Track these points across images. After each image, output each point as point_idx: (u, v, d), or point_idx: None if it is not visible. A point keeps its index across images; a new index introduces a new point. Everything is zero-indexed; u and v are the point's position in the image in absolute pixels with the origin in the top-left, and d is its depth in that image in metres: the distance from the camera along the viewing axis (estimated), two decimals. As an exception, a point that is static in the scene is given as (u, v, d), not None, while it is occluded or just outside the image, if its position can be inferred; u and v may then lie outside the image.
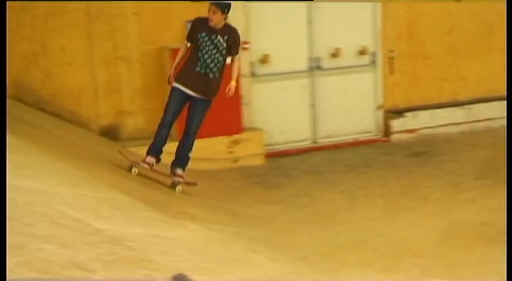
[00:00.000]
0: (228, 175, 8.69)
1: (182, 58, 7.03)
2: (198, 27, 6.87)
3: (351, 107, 9.78)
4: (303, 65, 9.57)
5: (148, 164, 7.00)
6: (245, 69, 9.14)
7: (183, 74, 6.93)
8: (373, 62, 9.89)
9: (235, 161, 9.02)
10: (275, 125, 9.49)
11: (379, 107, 10.05)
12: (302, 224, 7.01)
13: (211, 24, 6.78)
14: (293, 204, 7.65)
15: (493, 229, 6.65)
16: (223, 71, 6.98)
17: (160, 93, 8.93)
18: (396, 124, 10.08)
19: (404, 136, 10.07)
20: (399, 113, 10.19)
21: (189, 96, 6.94)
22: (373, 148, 9.68)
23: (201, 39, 6.84)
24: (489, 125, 10.59)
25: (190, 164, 7.69)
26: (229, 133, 8.95)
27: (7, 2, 7.66)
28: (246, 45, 9.08)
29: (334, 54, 9.63)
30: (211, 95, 7.00)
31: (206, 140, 8.76)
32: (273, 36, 9.35)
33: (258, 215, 7.27)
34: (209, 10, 6.76)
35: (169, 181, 7.17)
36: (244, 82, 9.13)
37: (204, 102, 6.97)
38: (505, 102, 10.61)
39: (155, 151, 7.03)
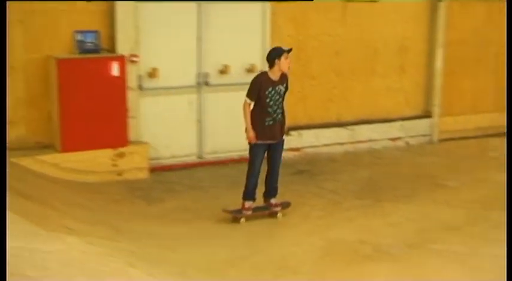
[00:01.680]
0: (111, 188, 8.56)
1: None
2: (264, 85, 7.39)
3: (237, 124, 9.79)
4: (191, 80, 9.57)
5: (249, 209, 7.66)
6: (133, 83, 9.05)
7: (259, 131, 7.47)
8: (261, 80, 9.99)
9: (119, 174, 8.90)
10: (161, 139, 9.43)
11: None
12: (184, 240, 6.97)
13: (283, 71, 7.45)
14: (175, 219, 7.61)
15: (370, 247, 6.84)
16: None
17: (44, 103, 8.72)
18: (281, 142, 10.21)
19: (289, 154, 10.20)
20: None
21: (269, 144, 7.59)
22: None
23: (269, 95, 7.42)
24: (371, 146, 10.93)
25: (73, 177, 7.49)
26: (114, 146, 8.82)
27: (7, 2, 7.56)
28: (135, 58, 9.00)
29: (223, 71, 9.68)
30: (284, 134, 7.77)
31: (90, 152, 8.62)
32: (162, 51, 9.30)
33: (140, 229, 7.18)
34: (286, 57, 7.41)
35: (266, 212, 7.80)
36: (131, 95, 9.04)
37: (282, 142, 7.74)
38: (386, 124, 11.04)
39: (251, 196, 7.66)
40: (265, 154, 7.66)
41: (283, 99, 7.58)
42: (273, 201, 7.81)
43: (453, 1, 11.38)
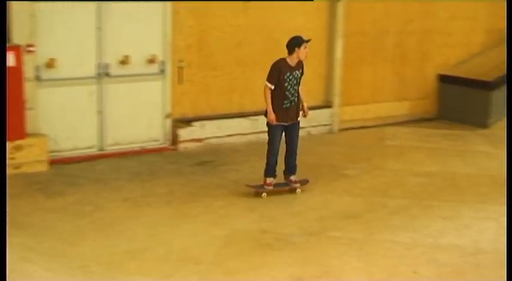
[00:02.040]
0: (9, 181, 8.29)
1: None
2: (283, 70, 7.99)
3: (139, 115, 9.76)
4: (90, 71, 9.38)
5: (271, 184, 8.24)
6: (29, 73, 8.82)
7: (277, 113, 8.05)
8: (162, 71, 9.91)
9: (17, 167, 8.66)
10: (61, 131, 9.23)
11: (168, 116, 10.10)
12: (84, 233, 6.87)
13: (301, 58, 8.11)
14: (76, 212, 7.47)
15: (271, 236, 6.94)
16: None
17: None
18: (184, 133, 10.18)
19: (191, 145, 10.21)
20: (187, 122, 10.32)
21: (286, 126, 8.15)
22: (160, 157, 9.71)
23: (288, 79, 8.00)
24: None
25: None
26: (11, 139, 8.55)
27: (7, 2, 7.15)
28: (31, 48, 8.76)
29: (123, 62, 9.54)
30: (299, 116, 8.33)
31: (-15, 145, 8.34)
32: (60, 40, 9.08)
33: (38, 223, 7.03)
34: (304, 47, 8.03)
35: (286, 188, 8.36)
36: (29, 86, 8.80)
37: (297, 124, 8.34)
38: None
39: (272, 173, 8.24)
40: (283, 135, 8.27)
41: (299, 84, 8.16)
42: (292, 178, 8.38)
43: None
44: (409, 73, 12.67)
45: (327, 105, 11.62)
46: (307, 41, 8.07)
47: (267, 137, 8.31)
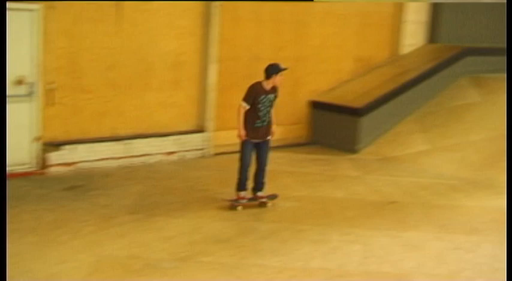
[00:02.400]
0: None
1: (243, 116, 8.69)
2: (258, 92, 8.62)
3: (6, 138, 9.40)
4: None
5: (244, 198, 8.89)
6: None
7: (249, 131, 8.69)
8: (31, 93, 9.62)
9: None
10: None
11: (36, 139, 9.80)
12: None
13: (276, 84, 8.75)
14: None
15: (140, 262, 6.81)
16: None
17: None
18: (53, 157, 9.91)
19: (61, 169, 9.94)
20: (57, 145, 10.04)
21: (257, 143, 8.78)
22: (28, 181, 9.39)
23: (261, 102, 8.66)
24: (146, 160, 10.91)
25: None
26: None
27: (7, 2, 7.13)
28: None
29: (-11, 82, 9.20)
30: (269, 135, 8.97)
31: None
32: None
33: None
34: (281, 75, 8.67)
35: (255, 202, 8.99)
36: None
37: (267, 142, 8.95)
38: (161, 139, 11.10)
39: (243, 187, 8.87)
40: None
41: (271, 106, 8.82)
42: (259, 194, 9.01)
43: (226, 19, 11.73)
44: (281, 99, 12.73)
45: (201, 129, 11.64)
46: (284, 70, 8.70)
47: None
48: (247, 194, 8.92)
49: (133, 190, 9.40)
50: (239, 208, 8.78)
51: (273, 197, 9.12)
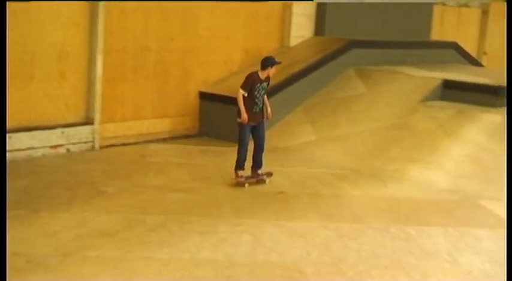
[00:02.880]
0: None
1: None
2: (255, 80, 9.67)
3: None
4: None
5: (242, 177, 9.81)
6: None
7: (248, 115, 9.67)
8: None
9: None
10: None
11: None
12: None
13: (270, 75, 9.85)
14: None
15: (23, 259, 6.61)
16: None
17: None
18: None
19: None
20: None
21: (254, 125, 9.85)
22: None
23: (257, 89, 9.72)
24: (31, 154, 10.59)
25: None
26: None
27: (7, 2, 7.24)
28: None
29: None
30: (264, 117, 10.05)
31: None
32: None
33: None
34: (276, 68, 9.83)
35: (254, 180, 9.93)
36: None
37: (263, 123, 10.03)
38: (47, 132, 10.80)
39: (242, 166, 9.84)
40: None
41: (265, 94, 9.87)
42: (259, 171, 9.96)
43: (113, 9, 11.51)
44: (170, 90, 12.81)
45: (88, 122, 11.39)
46: (279, 63, 9.87)
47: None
48: (244, 172, 9.84)
49: (16, 185, 9.09)
50: (246, 185, 9.75)
51: (270, 174, 10.06)
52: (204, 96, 13.18)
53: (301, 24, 15.00)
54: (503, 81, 13.28)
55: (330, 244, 7.61)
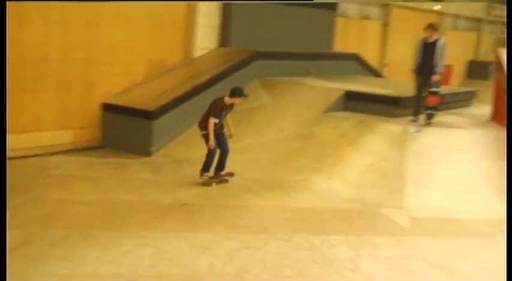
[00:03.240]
0: None
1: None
2: (223, 107, 10.56)
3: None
4: None
5: (207, 176, 10.71)
6: None
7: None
8: None
9: None
10: None
11: None
12: None
13: (234, 103, 10.75)
14: None
15: None
16: None
17: None
18: None
19: None
20: None
21: (217, 138, 10.66)
22: None
23: (223, 114, 10.65)
24: None
25: None
26: None
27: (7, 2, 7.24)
28: None
29: None
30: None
31: None
32: None
33: None
34: (240, 99, 10.74)
35: (217, 180, 10.80)
36: None
37: (224, 133, 10.87)
38: None
39: (208, 169, 10.71)
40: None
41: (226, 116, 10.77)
42: (222, 173, 10.83)
43: (11, 18, 11.17)
44: (72, 101, 12.56)
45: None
46: (246, 96, 10.82)
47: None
48: (209, 174, 10.72)
49: None
50: (213, 184, 10.65)
51: (230, 175, 10.91)
52: (107, 107, 12.98)
53: (206, 35, 15.03)
54: (402, 92, 13.68)
55: (234, 255, 7.61)
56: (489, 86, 16.06)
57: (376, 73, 19.11)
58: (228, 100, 10.59)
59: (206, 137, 10.61)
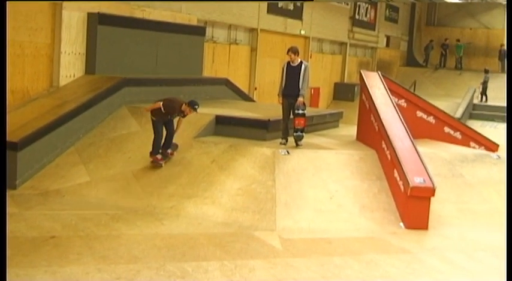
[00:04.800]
0: None
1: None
2: (175, 110, 12.30)
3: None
4: None
5: (159, 158, 12.31)
6: None
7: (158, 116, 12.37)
8: None
9: None
10: None
11: None
12: None
13: (185, 113, 12.40)
14: None
15: None
16: None
17: None
18: None
19: None
20: None
21: (165, 123, 12.36)
22: None
23: (173, 116, 12.36)
24: None
25: None
26: None
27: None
28: None
29: None
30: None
31: None
32: None
33: None
34: (191, 112, 12.40)
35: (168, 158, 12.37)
36: None
37: (172, 121, 12.46)
38: None
39: (157, 151, 12.27)
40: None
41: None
42: (168, 151, 12.33)
43: None
44: None
45: None
46: (195, 111, 12.36)
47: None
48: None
49: None
50: (162, 163, 12.18)
51: (174, 147, 12.48)
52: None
53: (71, 63, 14.69)
54: (271, 115, 13.86)
55: (105, 287, 7.41)
56: (355, 107, 16.59)
57: (246, 97, 19.31)
58: (184, 108, 12.23)
59: (153, 124, 12.29)
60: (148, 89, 15.15)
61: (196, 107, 12.29)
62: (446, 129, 15.52)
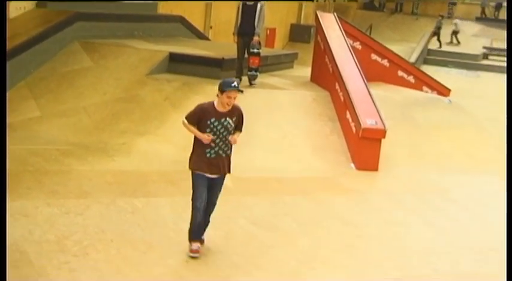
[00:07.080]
0: None
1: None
2: (207, 114, 6.72)
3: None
4: None
5: (197, 251, 6.90)
6: None
7: (199, 161, 6.84)
8: None
9: None
10: None
11: None
12: None
13: (226, 108, 6.70)
14: None
15: None
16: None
17: None
18: None
19: None
20: None
21: (211, 178, 6.88)
22: None
23: (212, 125, 6.71)
24: None
25: None
26: None
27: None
28: None
29: None
30: (227, 171, 7.05)
31: None
32: None
33: None
34: (229, 96, 6.61)
35: None
36: None
37: (222, 178, 7.03)
38: None
39: (198, 236, 6.97)
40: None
41: (230, 136, 6.85)
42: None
43: None
44: None
45: None
46: (238, 91, 6.70)
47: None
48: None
49: None
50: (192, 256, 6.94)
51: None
52: None
53: (21, -5, 14.30)
54: (226, 53, 13.75)
55: (54, 221, 7.37)
56: (310, 48, 16.57)
57: (201, 36, 19.10)
58: (217, 103, 6.80)
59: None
60: (102, 24, 14.86)
61: (230, 86, 6.67)
62: (400, 73, 15.68)
